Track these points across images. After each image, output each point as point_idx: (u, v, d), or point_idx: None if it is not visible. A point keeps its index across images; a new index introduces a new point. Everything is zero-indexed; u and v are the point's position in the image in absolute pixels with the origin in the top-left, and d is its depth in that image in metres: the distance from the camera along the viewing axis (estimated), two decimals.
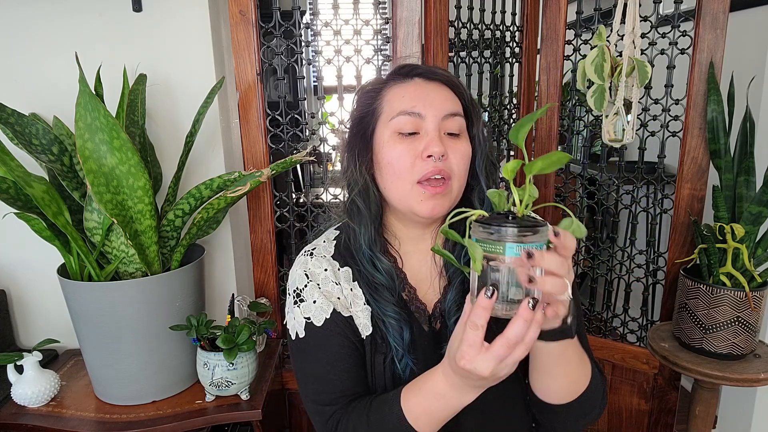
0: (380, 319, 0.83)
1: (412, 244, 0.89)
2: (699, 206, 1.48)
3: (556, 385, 0.77)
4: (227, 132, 1.53)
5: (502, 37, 1.68)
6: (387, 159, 0.81)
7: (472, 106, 0.86)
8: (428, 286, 0.88)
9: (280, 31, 1.45)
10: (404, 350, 0.81)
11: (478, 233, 0.61)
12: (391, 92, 0.84)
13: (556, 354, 0.71)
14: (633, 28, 1.33)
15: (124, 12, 1.35)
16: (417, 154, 0.79)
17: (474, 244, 0.61)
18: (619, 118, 1.37)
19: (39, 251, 1.34)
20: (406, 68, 0.86)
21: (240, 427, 1.40)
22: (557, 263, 0.58)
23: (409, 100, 0.81)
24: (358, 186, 0.85)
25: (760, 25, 1.69)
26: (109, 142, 1.09)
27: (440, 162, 0.78)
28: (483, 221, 0.61)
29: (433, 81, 0.83)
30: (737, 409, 1.69)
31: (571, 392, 0.77)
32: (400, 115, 0.80)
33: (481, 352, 0.61)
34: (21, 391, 1.20)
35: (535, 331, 0.60)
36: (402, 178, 0.80)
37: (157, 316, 1.19)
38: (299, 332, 0.84)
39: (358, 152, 0.85)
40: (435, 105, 0.80)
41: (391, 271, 0.85)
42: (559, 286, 0.58)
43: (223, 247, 1.54)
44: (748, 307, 1.24)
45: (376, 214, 0.86)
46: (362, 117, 0.86)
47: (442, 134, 0.80)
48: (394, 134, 0.81)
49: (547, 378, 0.77)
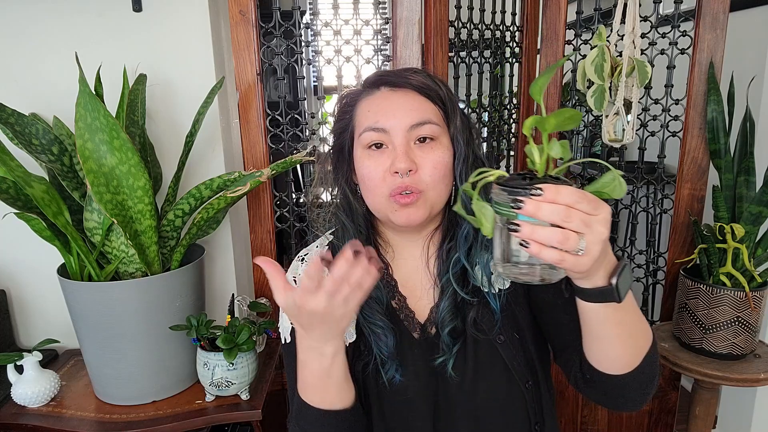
0: (366, 327, 0.83)
1: (405, 250, 0.89)
2: (699, 206, 1.48)
3: (617, 350, 0.70)
4: (227, 132, 1.53)
5: (502, 37, 1.68)
6: (361, 175, 0.82)
7: (450, 106, 0.83)
8: (421, 294, 0.87)
9: (280, 31, 1.45)
10: (388, 358, 0.81)
11: (496, 195, 0.57)
12: (361, 106, 0.83)
13: (606, 318, 0.65)
14: (633, 28, 1.33)
15: (124, 12, 1.35)
16: (386, 168, 0.78)
17: (484, 206, 0.58)
18: (619, 118, 1.37)
19: (39, 251, 1.34)
20: (374, 77, 0.83)
21: (240, 427, 1.40)
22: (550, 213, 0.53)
23: (374, 114, 0.79)
24: (341, 203, 0.86)
25: (760, 25, 1.69)
26: (109, 142, 1.09)
27: (407, 177, 0.77)
28: (500, 183, 0.57)
29: (401, 88, 0.81)
30: (737, 409, 1.69)
31: (634, 355, 0.70)
32: (366, 132, 0.79)
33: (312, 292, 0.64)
34: (21, 391, 1.20)
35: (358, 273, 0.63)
36: (375, 192, 0.80)
37: (157, 316, 1.19)
38: (286, 337, 0.86)
39: (337, 168, 0.86)
40: (399, 117, 0.78)
41: (378, 283, 0.84)
42: (554, 236, 0.53)
43: (223, 247, 1.54)
44: (748, 307, 1.24)
45: (362, 225, 0.87)
46: (340, 132, 0.86)
47: (411, 145, 0.78)
48: (365, 150, 0.80)
49: (602, 345, 0.71)
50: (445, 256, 0.85)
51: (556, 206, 0.52)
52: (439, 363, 0.81)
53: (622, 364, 0.71)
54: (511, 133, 1.78)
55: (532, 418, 0.84)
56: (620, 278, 0.60)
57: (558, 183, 0.55)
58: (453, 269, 0.83)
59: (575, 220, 0.53)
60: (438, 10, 1.44)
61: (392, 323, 0.83)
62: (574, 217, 0.53)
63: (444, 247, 0.86)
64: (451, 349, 0.81)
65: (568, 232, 0.53)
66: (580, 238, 0.54)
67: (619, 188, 0.57)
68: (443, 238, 0.87)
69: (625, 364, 0.70)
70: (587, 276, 0.60)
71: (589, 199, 0.54)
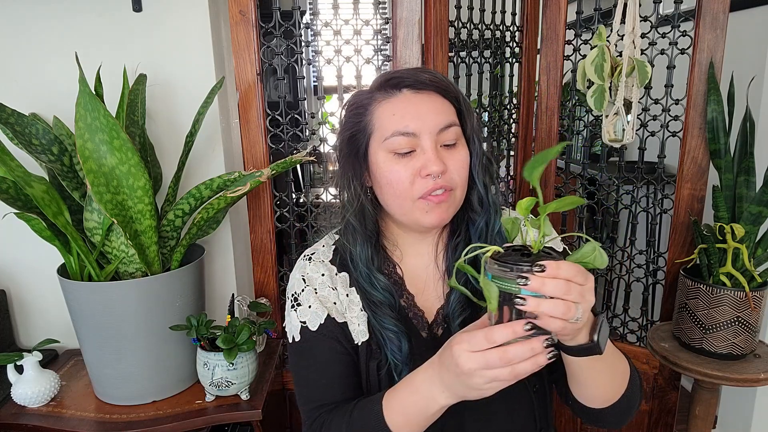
0: (378, 332, 0.83)
1: (413, 248, 0.89)
2: (699, 206, 1.48)
3: (596, 391, 0.76)
4: (227, 132, 1.53)
5: (502, 37, 1.68)
6: (386, 179, 0.80)
7: (465, 106, 0.84)
8: (430, 292, 0.88)
9: (280, 31, 1.45)
10: (402, 363, 0.81)
11: (494, 270, 0.61)
12: (381, 108, 0.81)
13: (587, 366, 0.70)
14: (633, 28, 1.33)
15: (124, 12, 1.35)
16: (415, 172, 0.78)
17: (489, 284, 0.61)
18: (619, 118, 1.37)
19: (39, 251, 1.34)
20: (394, 80, 0.81)
21: (240, 427, 1.40)
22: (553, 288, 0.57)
23: (401, 118, 0.78)
24: (353, 206, 0.85)
25: (760, 25, 1.68)
26: (109, 142, 1.09)
27: (440, 179, 0.78)
28: (498, 258, 0.61)
29: (424, 91, 0.80)
30: (737, 409, 1.69)
31: (612, 394, 0.76)
32: (394, 136, 0.78)
33: (474, 351, 0.61)
34: (21, 391, 1.20)
35: (531, 366, 0.60)
36: (403, 197, 0.79)
37: (157, 316, 1.19)
38: (295, 336, 0.85)
39: (352, 173, 0.84)
40: (428, 121, 0.78)
41: (389, 287, 0.84)
42: (558, 308, 0.57)
43: (223, 247, 1.54)
44: (748, 307, 1.24)
45: (372, 230, 0.86)
46: (353, 135, 0.83)
47: (438, 147, 0.79)
48: (389, 154, 0.79)
49: (583, 387, 0.76)
50: (455, 251, 0.86)
51: (558, 281, 0.57)
52: None
53: (602, 401, 0.77)
54: (511, 133, 1.78)
55: (538, 422, 0.85)
56: (600, 334, 0.64)
57: (552, 258, 0.60)
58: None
59: (574, 293, 0.57)
60: (438, 10, 1.44)
61: (401, 323, 0.83)
62: (573, 290, 0.57)
63: (453, 241, 0.87)
64: None
65: (569, 304, 0.57)
66: (577, 308, 0.58)
67: (600, 259, 0.61)
68: (452, 234, 0.88)
69: (605, 401, 0.77)
70: (573, 337, 0.64)
71: (582, 271, 0.59)
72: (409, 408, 0.71)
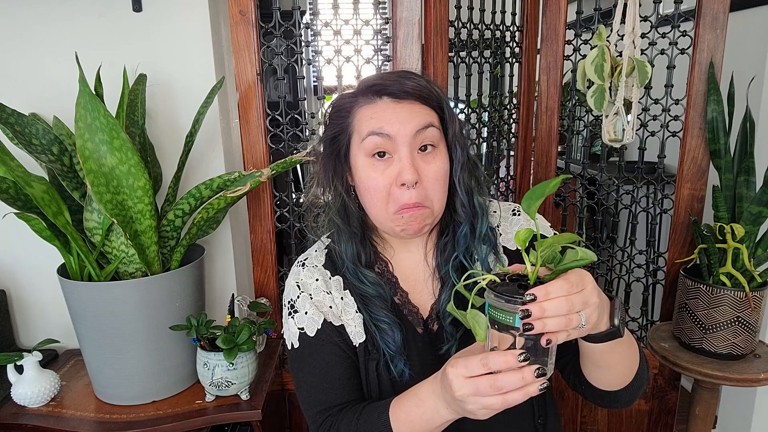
0: (372, 325, 0.84)
1: (403, 246, 0.90)
2: (699, 206, 1.48)
3: (613, 374, 0.77)
4: (227, 132, 1.53)
5: (502, 37, 1.68)
6: (364, 185, 0.81)
7: (449, 113, 0.84)
8: (422, 289, 0.88)
9: (280, 31, 1.45)
10: (396, 353, 0.82)
11: (491, 299, 0.61)
12: (361, 112, 0.81)
13: (608, 350, 0.71)
14: (633, 28, 1.33)
15: (124, 12, 1.35)
16: (391, 181, 0.78)
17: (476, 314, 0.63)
18: (619, 118, 1.37)
19: (39, 251, 1.34)
20: (377, 86, 0.82)
21: (240, 427, 1.40)
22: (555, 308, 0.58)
23: (377, 120, 0.79)
24: (336, 205, 0.86)
25: (760, 25, 1.68)
26: (109, 142, 1.09)
27: (414, 190, 0.78)
28: (495, 289, 0.61)
29: (404, 100, 0.80)
30: (737, 409, 1.69)
31: (628, 376, 0.78)
32: (370, 136, 0.79)
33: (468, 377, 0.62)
34: (21, 391, 1.20)
35: (521, 396, 0.60)
36: (380, 207, 0.81)
37: (157, 316, 1.19)
38: (294, 342, 0.86)
39: (333, 172, 0.85)
40: (404, 123, 0.78)
41: (378, 281, 0.85)
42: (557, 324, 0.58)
43: (223, 247, 1.54)
44: (748, 307, 1.24)
45: (357, 227, 0.87)
46: (335, 136, 0.84)
47: (415, 154, 0.79)
48: (367, 158, 0.80)
49: (604, 371, 0.77)
50: (443, 250, 0.87)
51: (556, 301, 0.58)
52: (445, 351, 0.83)
53: (617, 383, 0.78)
54: (511, 133, 1.78)
55: (537, 411, 0.87)
56: (619, 318, 0.66)
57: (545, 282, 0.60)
58: (453, 261, 0.85)
59: (577, 303, 0.59)
60: (438, 10, 1.44)
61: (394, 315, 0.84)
62: (575, 301, 0.58)
63: (441, 241, 0.88)
64: (455, 336, 0.83)
65: (570, 314, 0.58)
66: (580, 315, 0.59)
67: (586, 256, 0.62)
68: (440, 234, 0.89)
69: (620, 383, 0.78)
70: (596, 326, 0.65)
71: (574, 281, 0.59)
72: (415, 420, 0.72)
